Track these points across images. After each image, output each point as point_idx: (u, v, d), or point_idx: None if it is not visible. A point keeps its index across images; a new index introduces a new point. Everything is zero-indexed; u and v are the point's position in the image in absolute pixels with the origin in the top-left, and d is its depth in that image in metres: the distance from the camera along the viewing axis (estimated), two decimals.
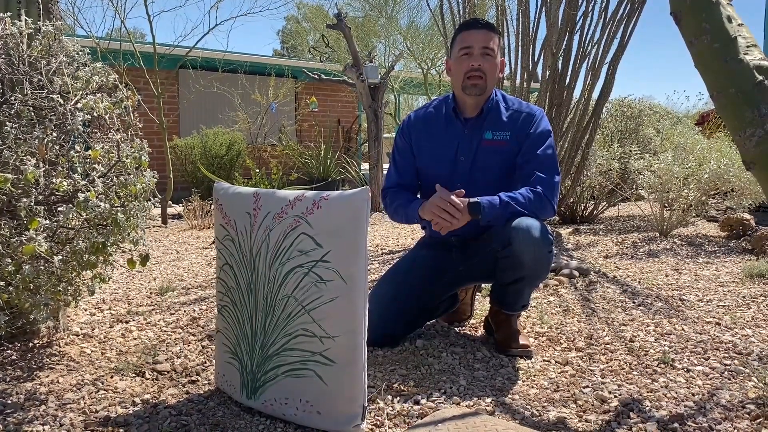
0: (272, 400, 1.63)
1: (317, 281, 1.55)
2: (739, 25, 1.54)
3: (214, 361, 2.09)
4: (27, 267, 1.64)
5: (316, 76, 8.11)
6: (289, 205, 1.61)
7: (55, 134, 1.75)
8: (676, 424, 1.59)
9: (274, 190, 1.77)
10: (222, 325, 1.80)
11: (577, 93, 4.35)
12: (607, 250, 4.15)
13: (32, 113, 1.80)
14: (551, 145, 2.16)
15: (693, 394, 1.78)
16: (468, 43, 2.13)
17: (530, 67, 4.20)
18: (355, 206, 1.53)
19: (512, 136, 2.16)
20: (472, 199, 1.99)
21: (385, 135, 7.64)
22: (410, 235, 5.07)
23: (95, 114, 1.79)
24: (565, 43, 4.16)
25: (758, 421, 1.59)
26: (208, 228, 5.62)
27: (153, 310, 2.76)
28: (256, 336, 1.67)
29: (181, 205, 6.39)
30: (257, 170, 7.14)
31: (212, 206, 5.82)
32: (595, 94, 4.38)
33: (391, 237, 5.00)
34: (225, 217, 1.78)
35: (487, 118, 2.19)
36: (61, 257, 1.70)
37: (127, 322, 2.55)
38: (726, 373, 1.92)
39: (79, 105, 1.77)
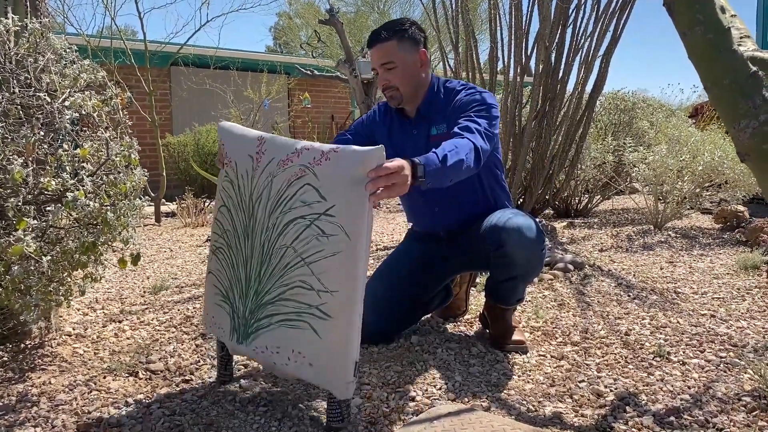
0: (263, 347, 1.61)
1: (319, 234, 1.50)
2: (732, 16, 1.53)
3: (207, 360, 2.07)
4: (16, 268, 1.62)
5: (308, 72, 8.08)
6: (295, 153, 1.57)
7: (42, 133, 1.72)
8: (672, 418, 1.58)
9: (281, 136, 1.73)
10: (215, 266, 1.76)
11: (570, 86, 4.33)
12: (602, 243, 4.14)
13: (20, 112, 1.78)
14: (477, 100, 2.01)
15: (689, 387, 1.77)
16: (373, 65, 2.14)
17: (523, 61, 4.18)
18: (367, 165, 1.46)
19: (449, 124, 2.05)
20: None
21: None
22: (404, 230, 5.04)
23: (83, 112, 1.77)
24: (558, 36, 4.14)
25: (754, 413, 1.59)
26: (202, 226, 5.60)
27: (146, 309, 2.74)
28: (251, 282, 1.64)
29: (174, 203, 6.36)
30: None
31: (206, 203, 5.80)
32: (589, 88, 4.37)
33: (386, 233, 4.99)
34: (226, 156, 1.75)
35: (429, 114, 2.14)
36: (50, 257, 1.68)
37: (120, 322, 2.53)
38: (722, 365, 1.92)
39: (66, 103, 1.74)
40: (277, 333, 1.58)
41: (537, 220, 2.06)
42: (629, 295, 2.77)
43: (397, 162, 1.49)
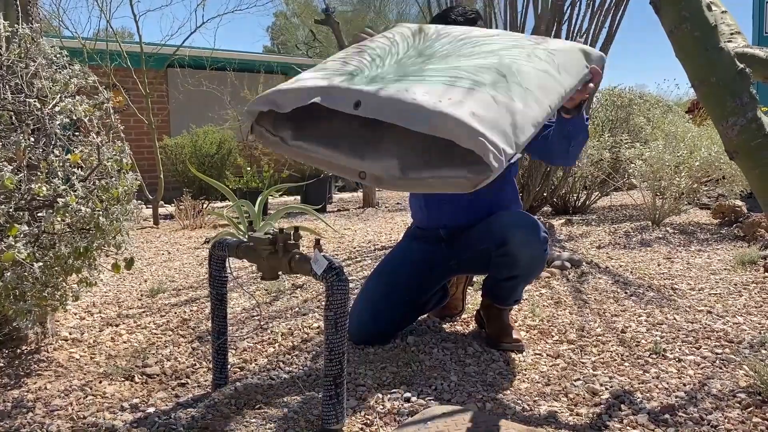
0: (402, 91, 1.27)
1: (532, 55, 1.40)
2: (722, 12, 1.53)
3: (204, 363, 2.07)
4: (9, 274, 1.62)
5: None
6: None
7: (33, 138, 1.72)
8: (666, 415, 1.58)
9: None
10: (330, 65, 1.49)
11: None
12: (600, 240, 4.14)
13: (12, 118, 1.77)
14: None
15: (684, 384, 1.77)
16: None
17: None
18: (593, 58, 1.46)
19: None
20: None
21: None
22: (403, 230, 5.05)
23: (74, 117, 1.77)
24: (553, 33, 4.14)
25: (749, 410, 1.59)
26: (200, 228, 5.60)
27: (143, 312, 2.74)
28: (404, 64, 1.42)
29: (172, 205, 6.36)
30: (248, 168, 7.12)
31: (204, 205, 5.80)
32: None
33: (384, 233, 4.99)
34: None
35: None
36: (42, 263, 1.67)
37: (116, 326, 2.53)
38: (717, 362, 1.92)
39: (57, 108, 1.74)
40: (430, 84, 1.28)
41: (536, 218, 2.06)
42: (626, 292, 2.77)
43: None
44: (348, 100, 1.29)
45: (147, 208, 5.93)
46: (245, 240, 1.77)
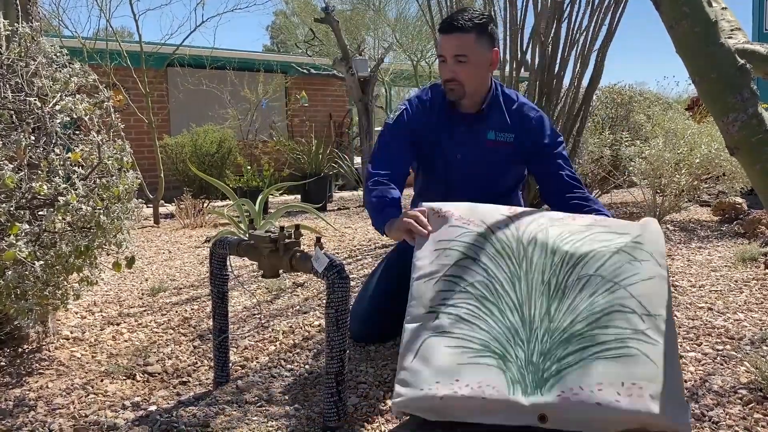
0: (577, 388, 1.28)
1: (632, 260, 1.43)
2: (722, 8, 1.53)
3: (205, 361, 2.07)
4: (10, 272, 1.62)
5: (305, 71, 8.07)
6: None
7: (34, 137, 1.73)
8: None
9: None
10: (454, 326, 1.42)
11: (566, 81, 4.33)
12: None
13: (12, 116, 1.78)
14: (557, 134, 2.16)
15: (685, 381, 1.77)
16: (441, 51, 2.03)
17: (519, 56, 4.17)
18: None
19: (517, 138, 2.08)
20: None
21: (376, 128, 7.62)
22: None
23: (74, 116, 1.77)
24: (553, 31, 4.14)
25: (750, 406, 1.59)
26: (201, 227, 5.60)
27: (144, 311, 2.75)
28: (534, 324, 1.40)
29: (173, 204, 6.36)
30: (249, 167, 7.12)
31: (205, 204, 5.80)
32: (585, 82, 4.36)
33: None
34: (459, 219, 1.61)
35: (489, 117, 2.09)
36: (43, 262, 1.68)
37: (118, 324, 2.53)
38: (718, 358, 1.92)
39: (57, 107, 1.74)
40: (593, 368, 1.30)
41: None
42: None
43: None
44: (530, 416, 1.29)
45: (147, 207, 5.93)
46: (246, 238, 1.77)
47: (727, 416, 1.55)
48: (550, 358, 1.33)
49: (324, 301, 1.61)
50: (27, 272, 1.70)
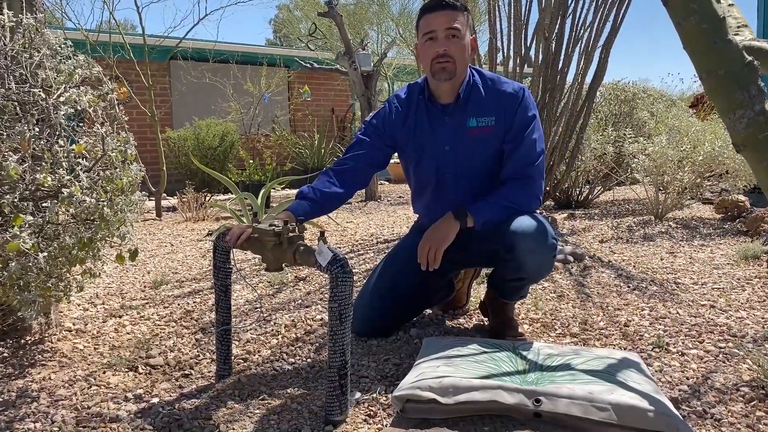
0: (568, 385, 1.51)
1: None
2: (729, 5, 1.52)
3: (207, 354, 2.08)
4: (13, 264, 1.62)
5: (308, 65, 8.05)
6: None
7: (38, 129, 1.72)
8: None
9: None
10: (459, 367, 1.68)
11: (570, 77, 4.32)
12: (602, 234, 4.14)
13: (16, 108, 1.77)
14: (538, 127, 2.07)
15: (687, 378, 1.77)
16: (431, 28, 1.98)
17: (523, 51, 4.16)
18: None
19: (498, 120, 2.04)
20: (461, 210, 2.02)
21: None
22: (405, 223, 5.06)
23: (78, 107, 1.77)
24: (557, 27, 4.12)
25: (752, 403, 1.59)
26: (203, 220, 5.60)
27: (147, 303, 2.75)
28: (528, 370, 1.67)
29: (175, 197, 6.37)
30: (251, 161, 7.11)
31: (207, 198, 5.80)
32: (589, 78, 4.35)
33: (386, 226, 4.99)
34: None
35: (468, 103, 2.06)
36: (47, 253, 1.68)
37: (120, 317, 2.54)
38: (720, 356, 1.92)
39: (62, 99, 1.74)
40: (583, 378, 1.56)
41: (545, 219, 2.04)
42: (629, 286, 2.77)
43: None
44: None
45: (150, 200, 5.93)
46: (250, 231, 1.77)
47: (729, 414, 1.55)
48: (543, 379, 1.58)
49: (326, 295, 1.61)
50: (30, 264, 1.71)
